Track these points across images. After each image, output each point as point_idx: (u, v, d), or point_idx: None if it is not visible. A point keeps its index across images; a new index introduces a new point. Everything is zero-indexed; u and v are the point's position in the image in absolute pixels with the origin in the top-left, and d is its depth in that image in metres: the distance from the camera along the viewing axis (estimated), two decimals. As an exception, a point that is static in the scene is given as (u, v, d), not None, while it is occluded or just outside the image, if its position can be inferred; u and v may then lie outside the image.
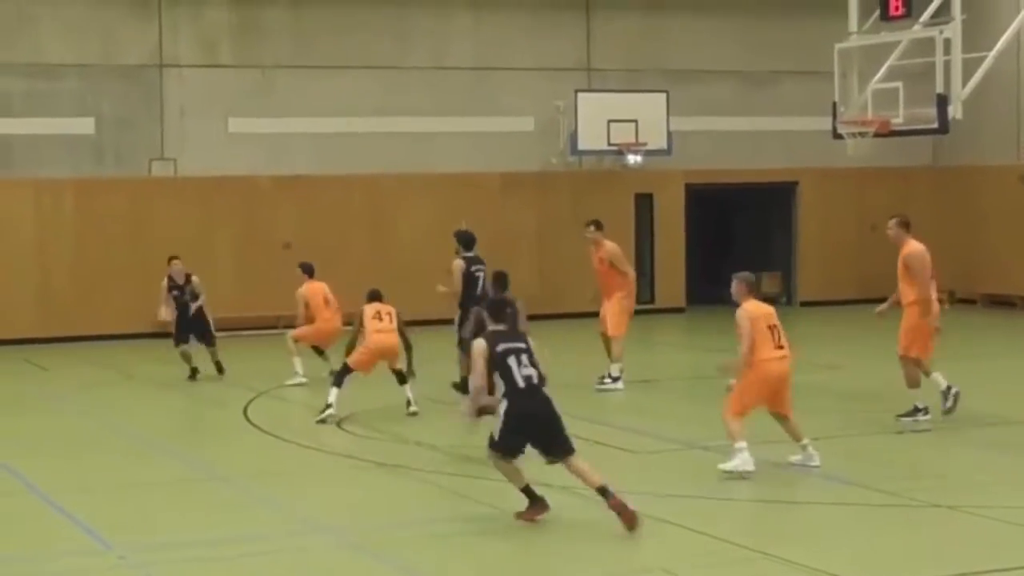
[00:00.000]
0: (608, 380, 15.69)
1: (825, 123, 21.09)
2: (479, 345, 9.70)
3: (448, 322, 16.07)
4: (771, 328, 11.17)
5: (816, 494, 10.70)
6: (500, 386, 9.57)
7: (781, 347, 11.20)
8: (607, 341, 15.86)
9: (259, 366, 17.99)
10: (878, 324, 13.81)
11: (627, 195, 24.98)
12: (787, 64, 25.62)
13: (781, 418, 11.39)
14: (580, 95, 23.93)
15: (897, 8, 19.51)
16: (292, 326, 17.78)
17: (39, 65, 22.39)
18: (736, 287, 11.29)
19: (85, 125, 22.66)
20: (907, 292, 13.23)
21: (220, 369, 17.50)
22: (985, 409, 14.08)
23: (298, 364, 16.70)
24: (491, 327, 9.93)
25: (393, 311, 14.39)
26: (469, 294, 15.25)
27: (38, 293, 22.18)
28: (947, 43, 18.74)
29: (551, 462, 9.63)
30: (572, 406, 13.98)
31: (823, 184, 26.10)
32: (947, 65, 18.78)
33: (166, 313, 17.73)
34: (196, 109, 23.10)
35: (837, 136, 20.58)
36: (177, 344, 17.55)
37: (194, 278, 17.87)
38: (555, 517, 9.84)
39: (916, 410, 13.25)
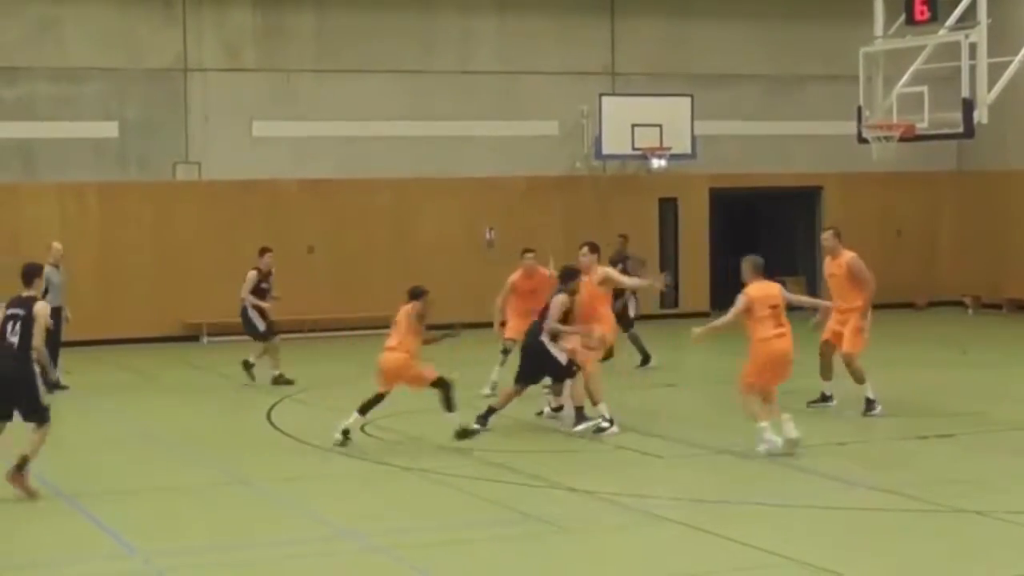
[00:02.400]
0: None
1: (850, 127, 21.00)
2: None
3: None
4: (772, 308, 11.94)
5: (842, 499, 10.63)
6: None
7: (781, 326, 11.97)
8: None
9: (282, 370, 17.92)
10: (898, 330, 13.80)
11: (651, 199, 25.03)
12: (812, 68, 25.61)
13: (768, 394, 11.97)
14: (605, 99, 24.00)
15: (922, 12, 19.42)
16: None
17: (64, 69, 22.56)
18: (744, 268, 12.19)
19: (109, 129, 22.78)
20: (853, 297, 13.97)
21: (249, 365, 17.47)
22: (1012, 415, 13.99)
23: None
24: None
25: (405, 313, 12.87)
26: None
27: (65, 295, 22.21)
28: (973, 47, 18.65)
29: None
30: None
31: (848, 188, 26.04)
32: (972, 69, 18.69)
33: (249, 304, 17.61)
34: (220, 113, 23.19)
35: (862, 140, 20.49)
36: (267, 338, 17.44)
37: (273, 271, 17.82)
38: (584, 522, 9.82)
39: (825, 398, 14.18)
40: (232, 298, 18.21)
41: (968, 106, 18.70)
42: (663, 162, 23.97)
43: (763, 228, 27.52)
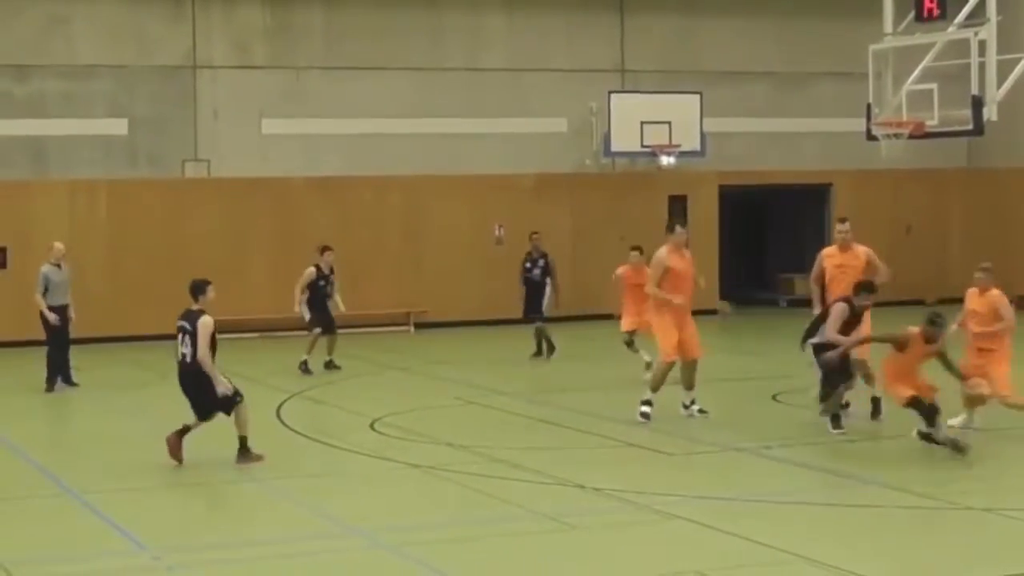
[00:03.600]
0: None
1: (860, 124, 20.97)
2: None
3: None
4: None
5: (850, 496, 10.61)
6: None
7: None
8: None
9: (292, 367, 17.95)
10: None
11: (661, 197, 24.92)
12: (821, 65, 25.55)
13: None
14: (614, 96, 23.94)
15: (932, 9, 19.37)
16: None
17: (73, 66, 22.54)
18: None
19: (119, 126, 22.77)
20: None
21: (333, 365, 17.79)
22: None
23: None
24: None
25: None
26: None
27: (72, 294, 21.95)
28: (982, 44, 18.61)
29: None
30: (605, 407, 14.02)
31: (858, 185, 25.95)
32: (982, 66, 18.66)
33: (301, 300, 17.90)
34: (230, 110, 23.16)
35: (871, 137, 20.46)
36: (324, 333, 17.86)
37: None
38: (593, 519, 9.80)
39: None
40: (242, 295, 18.29)
41: (978, 103, 18.67)
42: (672, 159, 23.94)
43: (772, 225, 27.49)
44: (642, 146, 23.82)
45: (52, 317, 16.71)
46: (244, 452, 11.88)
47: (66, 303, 16.93)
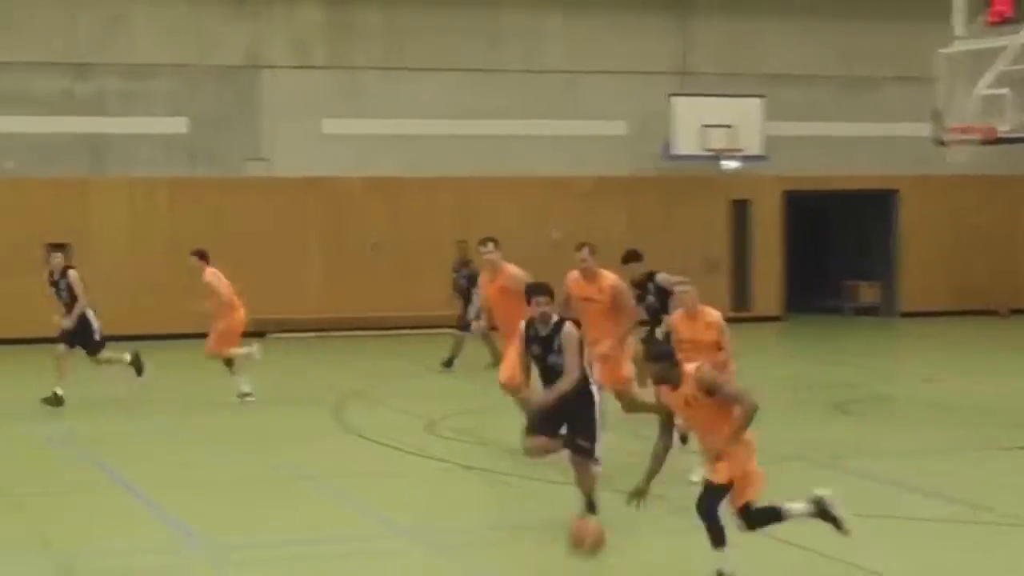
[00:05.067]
0: None
1: (926, 129, 20.55)
2: None
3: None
4: None
5: (920, 511, 10.30)
6: None
7: None
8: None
9: (347, 366, 17.87)
10: (976, 338, 13.37)
11: (722, 202, 24.72)
12: (887, 68, 25.22)
13: None
14: (674, 99, 23.76)
15: (1003, 12, 18.91)
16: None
17: (134, 65, 22.63)
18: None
19: (179, 125, 22.85)
20: None
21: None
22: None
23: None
24: None
25: None
26: None
27: (133, 292, 22.20)
28: (1057, 48, 18.15)
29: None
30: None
31: (924, 192, 25.57)
32: (1056, 70, 18.19)
33: (457, 299, 18.12)
34: (289, 110, 23.20)
35: (939, 143, 20.02)
36: (463, 328, 17.72)
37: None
38: (643, 526, 9.58)
39: None
40: (297, 294, 18.23)
41: (1052, 108, 18.20)
42: (734, 164, 23.70)
43: (837, 232, 27.20)
44: (704, 150, 23.62)
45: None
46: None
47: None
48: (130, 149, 22.63)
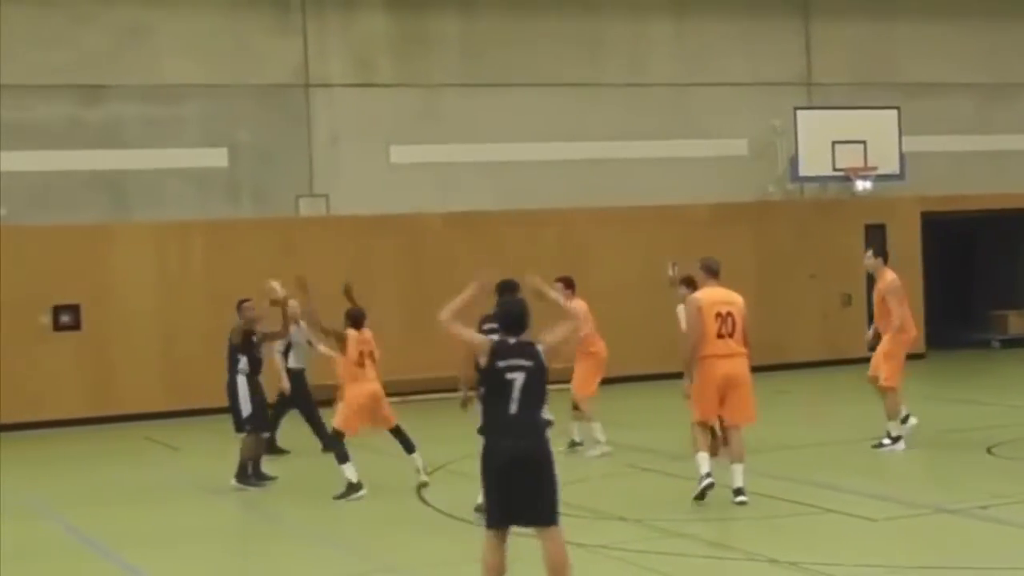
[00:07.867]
0: (887, 441, 14.21)
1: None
2: None
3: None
4: (719, 317, 11.36)
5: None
6: None
7: (722, 337, 11.38)
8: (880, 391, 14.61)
9: (433, 435, 15.23)
10: None
11: (856, 226, 23.48)
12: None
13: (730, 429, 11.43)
14: (800, 113, 22.78)
15: None
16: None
17: (158, 87, 20.50)
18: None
19: (217, 157, 20.76)
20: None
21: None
22: None
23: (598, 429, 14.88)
24: None
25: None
26: None
27: (162, 360, 20.03)
28: None
29: None
30: (801, 470, 13.41)
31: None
32: None
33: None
34: (350, 136, 21.74)
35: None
36: None
37: None
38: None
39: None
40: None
41: None
42: (868, 184, 22.67)
43: (981, 257, 26.59)
44: (834, 169, 22.67)
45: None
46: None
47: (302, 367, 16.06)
48: (157, 188, 20.55)
